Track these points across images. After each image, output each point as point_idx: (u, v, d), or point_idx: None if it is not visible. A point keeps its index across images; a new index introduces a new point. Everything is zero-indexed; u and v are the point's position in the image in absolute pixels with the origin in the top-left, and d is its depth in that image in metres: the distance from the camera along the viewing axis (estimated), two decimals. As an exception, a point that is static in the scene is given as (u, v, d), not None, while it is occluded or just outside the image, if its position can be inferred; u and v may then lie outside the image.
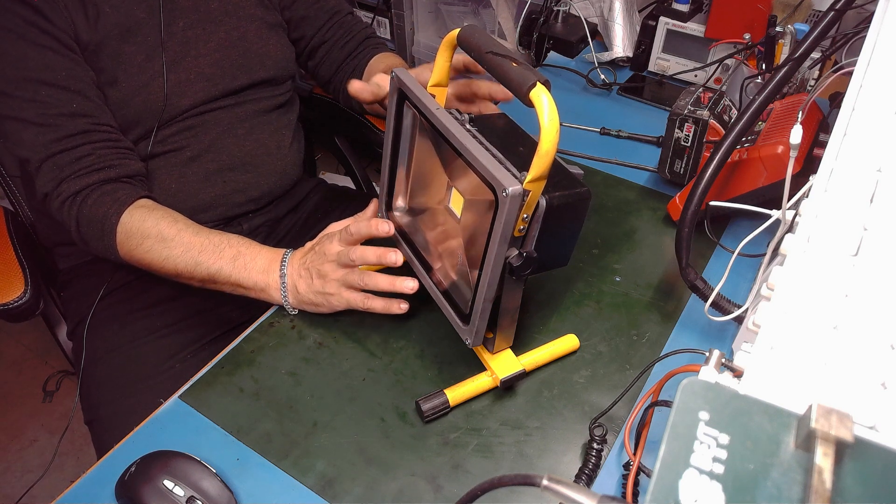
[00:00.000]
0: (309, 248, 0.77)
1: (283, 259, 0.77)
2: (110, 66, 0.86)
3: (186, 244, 0.79)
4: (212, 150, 0.96)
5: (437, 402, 0.66)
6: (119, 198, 0.81)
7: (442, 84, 0.68)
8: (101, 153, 0.82)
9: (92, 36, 0.84)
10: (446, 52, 0.65)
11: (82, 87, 0.83)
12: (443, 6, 1.69)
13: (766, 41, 0.95)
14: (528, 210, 0.56)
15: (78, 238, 0.84)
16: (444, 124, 0.61)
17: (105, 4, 0.85)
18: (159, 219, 0.81)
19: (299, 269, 0.76)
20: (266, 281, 0.77)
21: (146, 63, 0.88)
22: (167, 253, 0.79)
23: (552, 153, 0.53)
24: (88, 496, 0.62)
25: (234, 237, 0.80)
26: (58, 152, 0.81)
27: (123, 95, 0.87)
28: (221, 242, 0.79)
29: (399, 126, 0.70)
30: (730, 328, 0.75)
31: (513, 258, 0.58)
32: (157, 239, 0.79)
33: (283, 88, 1.05)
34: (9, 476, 1.52)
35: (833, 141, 0.47)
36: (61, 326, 1.07)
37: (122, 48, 0.86)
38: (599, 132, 1.07)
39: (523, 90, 0.53)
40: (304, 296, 0.75)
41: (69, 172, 0.81)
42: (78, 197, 0.81)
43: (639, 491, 0.58)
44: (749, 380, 0.35)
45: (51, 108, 0.81)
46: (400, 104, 0.69)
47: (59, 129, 0.81)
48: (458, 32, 0.62)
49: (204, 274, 0.78)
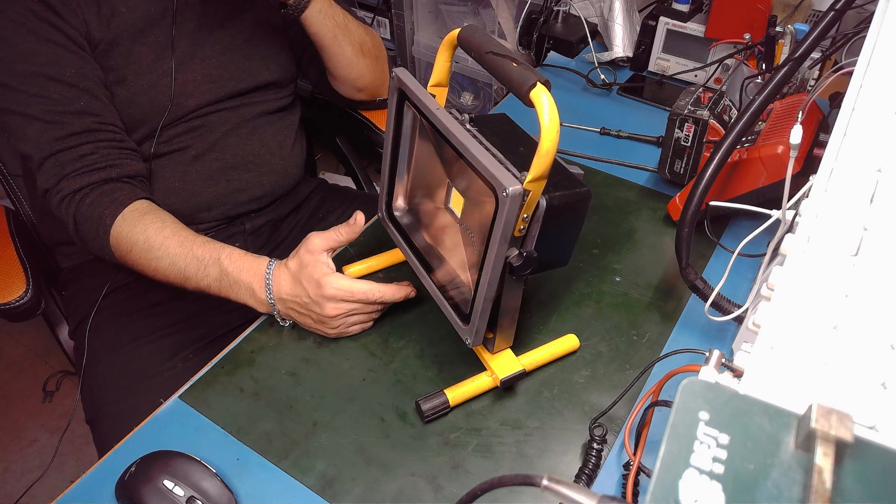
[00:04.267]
0: (296, 277, 0.72)
1: (268, 280, 0.74)
2: (120, 64, 0.86)
3: (172, 257, 0.78)
4: (215, 150, 0.96)
5: (436, 402, 0.66)
6: (117, 199, 0.81)
7: (442, 84, 0.68)
8: (103, 152, 0.82)
9: (104, 34, 0.84)
10: (447, 52, 0.65)
11: (90, 86, 0.83)
12: (443, 6, 1.69)
13: (766, 41, 0.95)
14: (528, 210, 0.56)
15: (76, 236, 0.84)
16: (444, 124, 0.61)
17: (121, 5, 0.85)
18: (147, 225, 0.79)
19: (292, 303, 0.73)
20: (254, 303, 0.76)
21: (155, 63, 0.88)
22: (155, 264, 0.79)
23: (552, 153, 0.53)
24: (88, 496, 0.63)
25: (217, 250, 0.77)
26: (61, 150, 0.81)
27: (131, 94, 0.87)
28: (205, 258, 0.77)
29: (399, 126, 0.70)
30: (730, 328, 0.75)
31: (513, 258, 0.58)
32: (143, 248, 0.79)
33: (287, 91, 1.05)
34: (9, 476, 1.52)
35: (833, 141, 0.47)
36: (62, 326, 1.07)
37: (133, 48, 0.87)
38: (599, 132, 1.07)
39: (523, 90, 0.53)
40: (294, 316, 0.75)
41: (70, 170, 0.81)
42: (77, 195, 0.81)
43: (639, 491, 0.58)
44: (749, 380, 0.35)
45: (58, 104, 0.81)
46: (400, 104, 0.69)
47: (63, 127, 0.81)
48: (459, 32, 0.62)
49: (193, 287, 0.78)
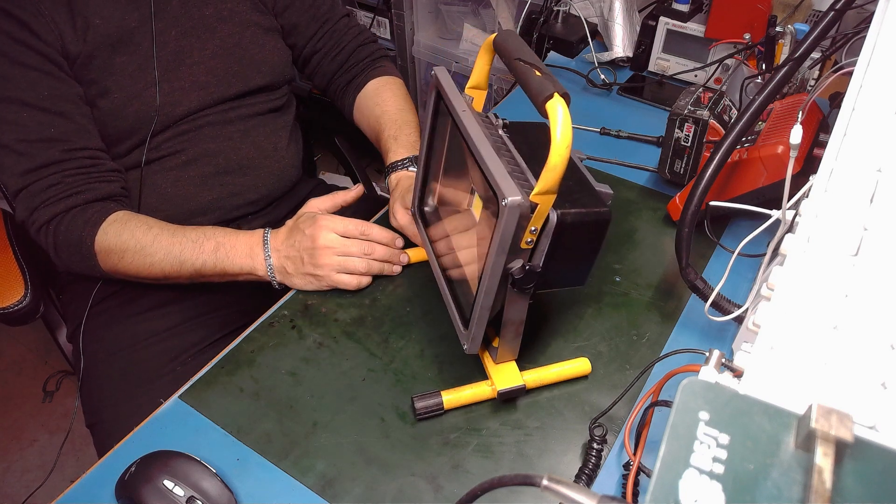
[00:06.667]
0: (293, 227, 0.80)
1: (266, 240, 0.80)
2: (101, 77, 0.85)
3: (166, 247, 0.81)
4: (207, 154, 0.95)
5: (430, 402, 0.66)
6: (89, 219, 0.82)
7: (480, 87, 0.69)
8: (69, 181, 0.83)
9: (81, 48, 0.84)
10: (486, 56, 0.67)
11: (64, 108, 0.83)
12: (443, 6, 1.69)
13: (766, 41, 0.94)
14: (536, 223, 0.55)
15: (59, 262, 0.85)
16: (465, 127, 0.60)
17: (94, 16, 0.84)
18: (134, 229, 0.82)
19: (287, 249, 0.79)
20: (252, 264, 0.80)
21: (139, 73, 0.88)
22: (150, 260, 0.81)
23: (561, 167, 0.52)
24: (88, 496, 0.62)
25: (209, 229, 0.83)
26: (30, 183, 0.82)
27: (115, 106, 0.87)
28: (199, 237, 0.81)
29: (435, 124, 0.71)
30: (730, 328, 0.75)
31: (515, 270, 0.57)
32: (136, 250, 0.81)
33: (279, 93, 1.04)
34: (9, 476, 1.52)
35: (833, 141, 0.47)
36: (61, 329, 1.07)
37: (114, 59, 0.86)
38: (599, 132, 1.07)
39: (540, 100, 0.52)
40: (294, 276, 0.79)
41: (39, 202, 0.82)
42: (50, 225, 0.82)
43: (639, 491, 0.58)
44: (749, 380, 0.35)
45: (29, 133, 0.81)
46: (437, 103, 0.69)
47: (33, 159, 0.81)
48: (495, 37, 0.63)
49: (190, 270, 0.81)
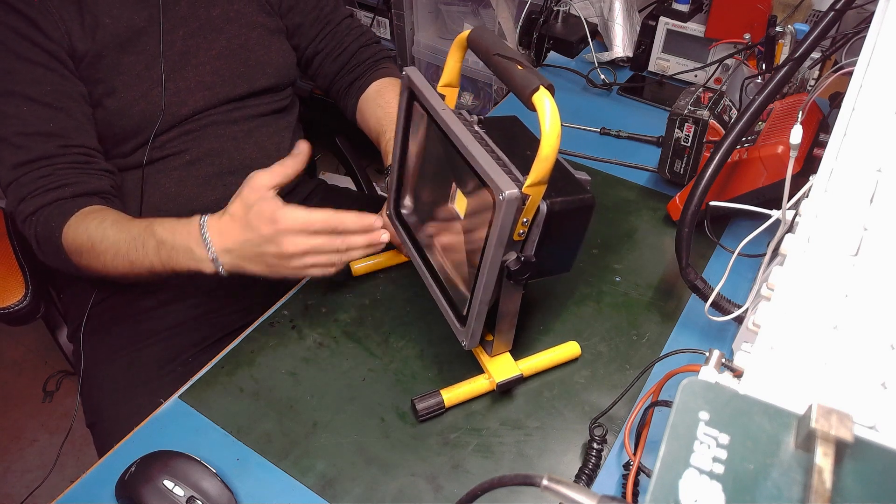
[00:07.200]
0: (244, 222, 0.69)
1: (205, 239, 0.71)
2: (109, 76, 0.85)
3: (113, 245, 0.75)
4: (211, 154, 0.95)
5: (432, 402, 0.66)
6: (66, 211, 0.79)
7: (452, 84, 0.68)
8: (60, 173, 0.81)
9: (89, 46, 0.83)
10: (457, 53, 0.66)
11: (66, 104, 0.82)
12: (443, 6, 1.69)
13: (766, 41, 0.94)
14: (527, 214, 0.55)
15: (40, 255, 0.83)
16: (448, 125, 0.60)
17: (104, 15, 0.84)
18: (88, 225, 0.77)
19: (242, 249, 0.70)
20: (197, 266, 0.71)
21: (145, 72, 0.87)
22: (103, 260, 0.76)
23: (552, 158, 0.52)
24: (88, 496, 0.62)
25: (149, 221, 0.75)
26: (22, 175, 0.80)
27: (122, 105, 0.86)
28: (141, 234, 0.74)
29: (408, 125, 0.70)
30: (730, 328, 0.75)
31: (511, 262, 0.57)
32: (89, 249, 0.77)
33: (283, 94, 1.04)
34: (9, 476, 1.52)
35: (833, 141, 0.47)
36: (62, 329, 1.07)
37: (121, 58, 0.86)
38: (599, 132, 1.07)
39: (526, 93, 0.53)
40: (256, 270, 0.71)
41: (27, 192, 0.80)
42: (34, 217, 0.80)
43: (639, 491, 0.58)
44: (749, 380, 0.35)
45: (28, 126, 0.80)
46: (409, 104, 0.69)
47: (29, 151, 0.80)
48: (469, 33, 0.62)
49: (142, 271, 0.75)
